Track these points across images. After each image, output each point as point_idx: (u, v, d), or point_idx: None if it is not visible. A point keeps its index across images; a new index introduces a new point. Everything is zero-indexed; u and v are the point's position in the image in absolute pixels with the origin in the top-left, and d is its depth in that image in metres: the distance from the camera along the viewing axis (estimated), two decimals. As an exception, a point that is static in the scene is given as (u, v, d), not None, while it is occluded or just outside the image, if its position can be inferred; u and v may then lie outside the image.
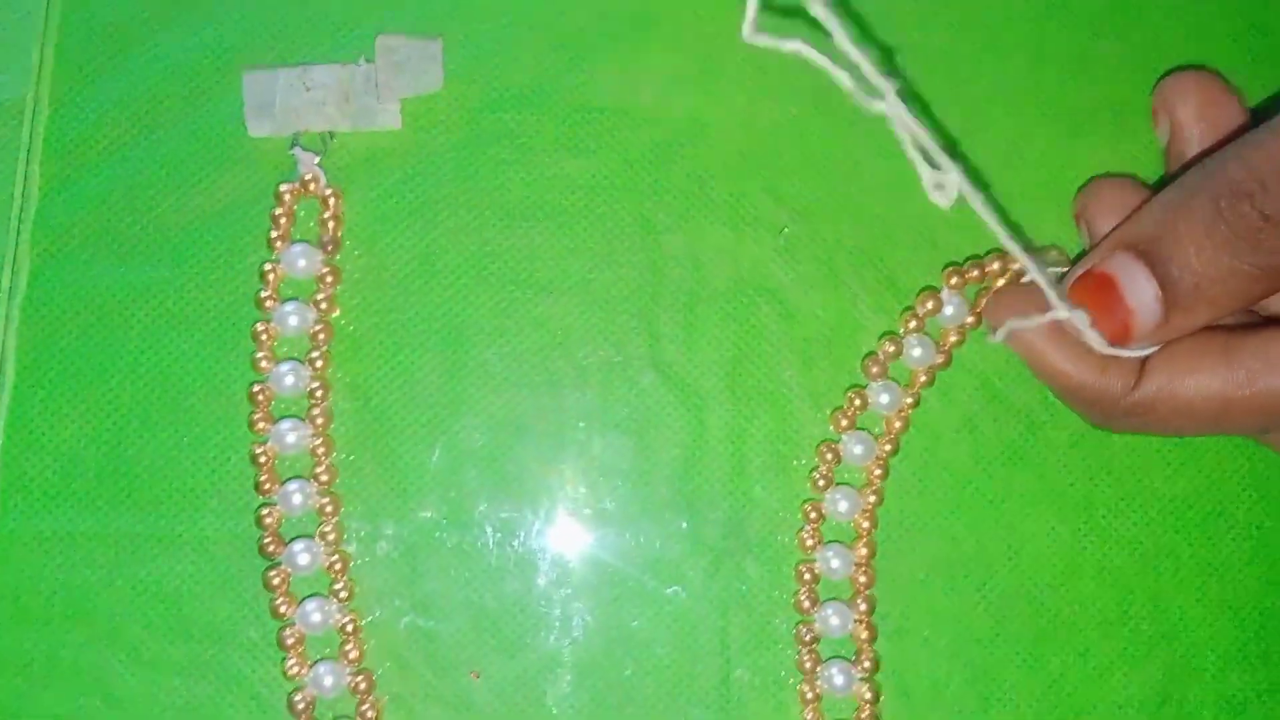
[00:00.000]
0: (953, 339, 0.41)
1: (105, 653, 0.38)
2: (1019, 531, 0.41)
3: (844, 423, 0.40)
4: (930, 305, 0.40)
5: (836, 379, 0.41)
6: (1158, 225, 0.35)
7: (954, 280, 0.40)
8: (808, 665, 0.39)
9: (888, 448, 0.40)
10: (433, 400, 0.40)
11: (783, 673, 0.40)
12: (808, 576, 0.40)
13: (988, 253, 0.41)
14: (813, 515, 0.40)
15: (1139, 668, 0.40)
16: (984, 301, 0.40)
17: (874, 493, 0.40)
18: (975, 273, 0.40)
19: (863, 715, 0.39)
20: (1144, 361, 0.37)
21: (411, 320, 0.40)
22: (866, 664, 0.40)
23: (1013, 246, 0.34)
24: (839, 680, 0.39)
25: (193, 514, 0.39)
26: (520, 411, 0.40)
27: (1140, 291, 0.35)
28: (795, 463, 0.40)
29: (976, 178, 0.41)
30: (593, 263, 0.40)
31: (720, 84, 0.41)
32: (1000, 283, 0.40)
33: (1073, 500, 0.41)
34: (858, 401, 0.40)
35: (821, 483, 0.40)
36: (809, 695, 0.39)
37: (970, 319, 0.40)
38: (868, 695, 0.39)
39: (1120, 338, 0.36)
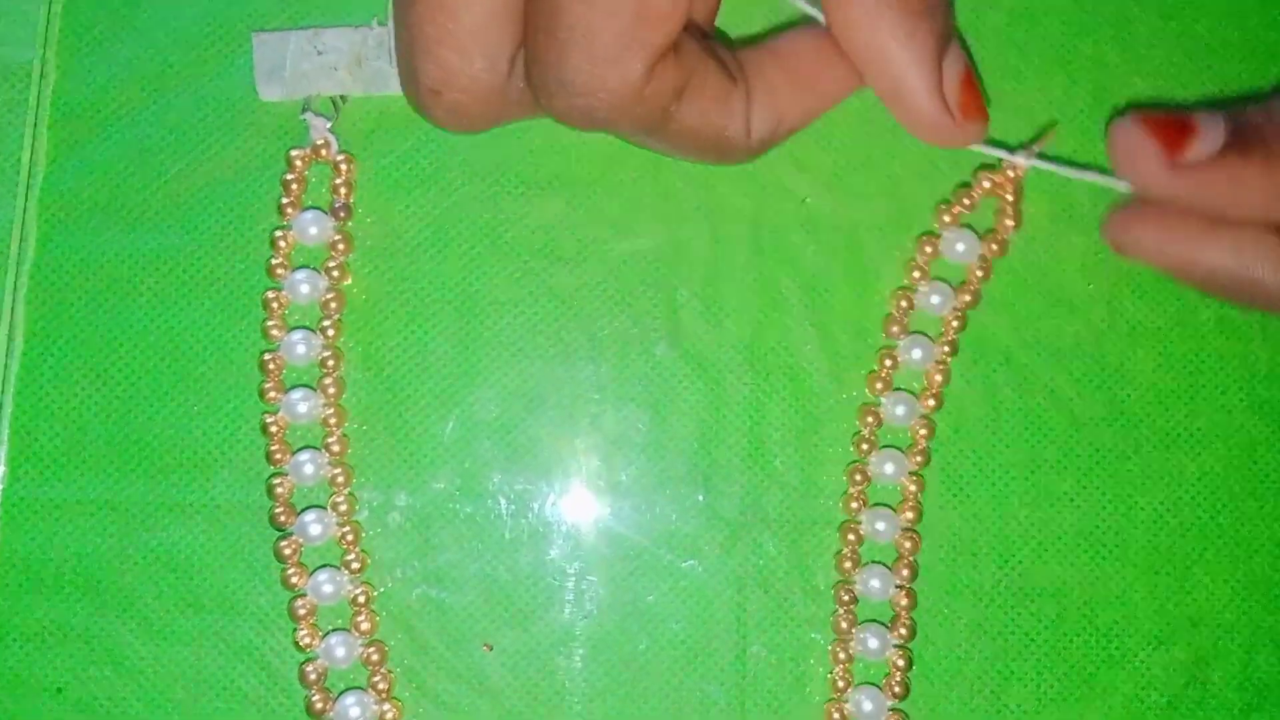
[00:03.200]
0: (978, 274, 0.40)
1: (115, 622, 0.38)
2: (1042, 508, 0.40)
3: (879, 385, 0.40)
4: (930, 250, 0.40)
5: (858, 351, 0.40)
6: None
7: (946, 218, 0.40)
8: (844, 626, 0.39)
9: (931, 403, 0.40)
10: (446, 370, 0.39)
11: (800, 648, 0.39)
12: (851, 538, 0.39)
13: (975, 172, 0.40)
14: (858, 479, 0.39)
15: (1164, 649, 0.40)
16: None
17: (920, 453, 0.40)
18: (966, 201, 0.40)
19: (893, 680, 0.39)
20: None
21: (425, 289, 0.40)
22: (903, 630, 0.39)
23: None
24: (873, 644, 0.39)
25: (203, 483, 0.39)
26: (535, 382, 0.40)
27: (1211, 121, 0.36)
28: (814, 435, 0.40)
29: (1010, 146, 0.41)
30: (609, 232, 0.40)
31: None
32: (1006, 195, 0.40)
33: (1098, 478, 0.40)
34: (889, 362, 0.40)
35: (865, 446, 0.40)
36: (841, 656, 0.39)
37: (994, 247, 0.40)
38: (900, 662, 0.39)
39: (1175, 148, 0.35)
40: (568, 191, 0.40)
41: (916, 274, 0.40)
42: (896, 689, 0.39)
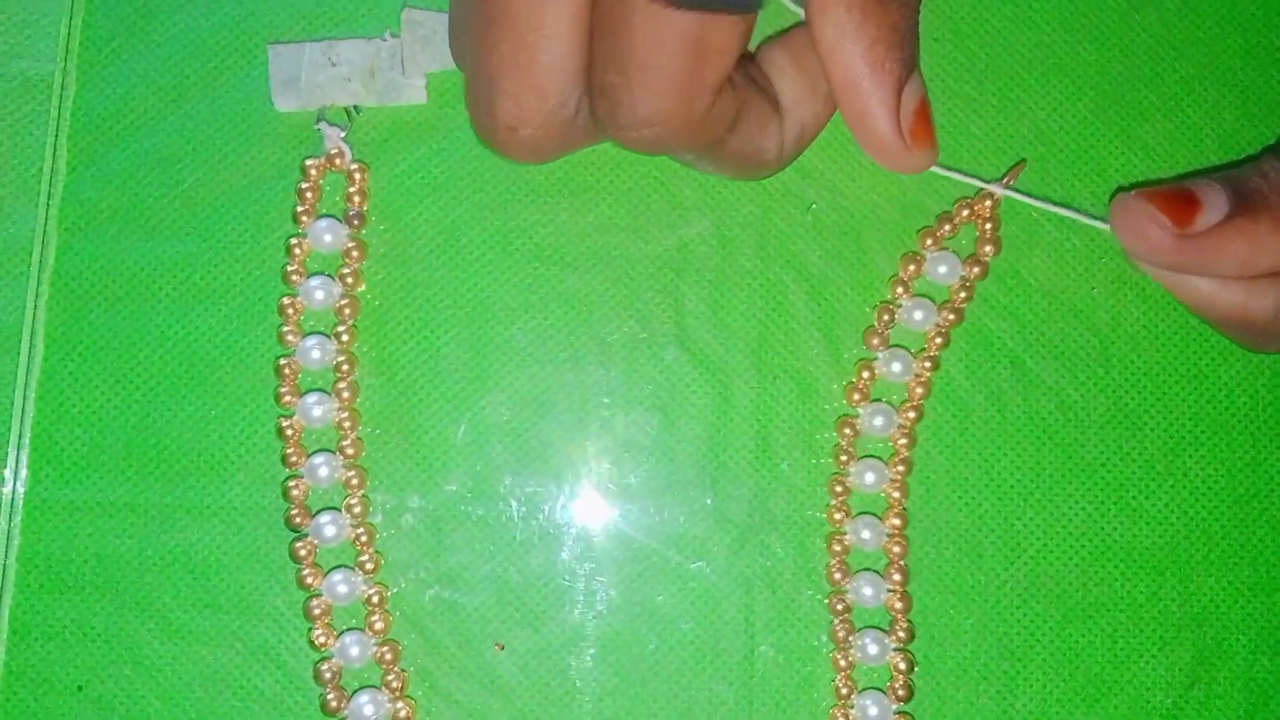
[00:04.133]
0: (961, 295, 0.40)
1: (134, 621, 0.39)
2: (1048, 511, 0.40)
3: (856, 397, 0.40)
4: (912, 268, 0.40)
5: (862, 355, 0.40)
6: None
7: (929, 241, 0.40)
8: (841, 634, 0.39)
9: (911, 414, 0.40)
10: (458, 375, 0.40)
11: (808, 649, 0.40)
12: (838, 548, 0.40)
13: (954, 203, 0.41)
14: (839, 490, 0.40)
15: (1168, 650, 0.40)
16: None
17: (901, 462, 0.40)
18: (946, 227, 0.40)
19: (896, 685, 0.39)
20: None
21: (437, 295, 0.40)
22: (901, 634, 0.39)
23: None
24: (873, 650, 0.39)
25: (220, 486, 0.39)
26: (545, 387, 0.40)
27: (1211, 190, 0.37)
28: (821, 439, 0.40)
29: (1011, 152, 0.41)
30: (619, 238, 0.40)
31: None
32: (985, 224, 0.40)
33: (1103, 480, 0.40)
34: (866, 374, 0.40)
35: (844, 458, 0.40)
36: (842, 664, 0.39)
37: (976, 270, 0.40)
38: (902, 665, 0.39)
39: (1184, 219, 0.36)
40: (577, 198, 0.40)
41: (900, 289, 0.40)
42: (900, 692, 0.39)
